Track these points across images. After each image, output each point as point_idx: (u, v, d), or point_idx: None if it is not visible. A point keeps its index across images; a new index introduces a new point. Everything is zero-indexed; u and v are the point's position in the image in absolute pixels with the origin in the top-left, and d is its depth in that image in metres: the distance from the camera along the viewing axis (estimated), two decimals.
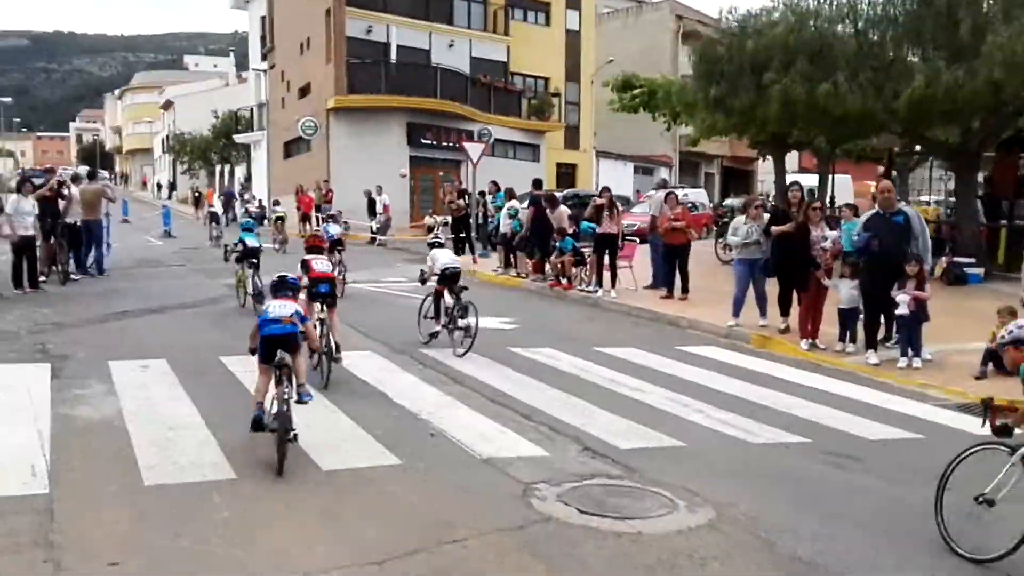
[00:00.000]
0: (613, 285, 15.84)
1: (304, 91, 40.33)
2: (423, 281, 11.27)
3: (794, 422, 8.10)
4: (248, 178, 50.96)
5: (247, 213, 40.48)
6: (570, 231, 17.10)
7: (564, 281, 16.68)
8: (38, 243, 15.79)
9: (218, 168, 60.94)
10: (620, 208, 16.41)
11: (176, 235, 33.00)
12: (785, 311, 12.58)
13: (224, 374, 9.18)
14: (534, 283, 17.82)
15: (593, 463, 6.73)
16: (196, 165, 64.62)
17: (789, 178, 39.13)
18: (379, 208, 30.48)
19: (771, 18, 19.22)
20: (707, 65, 19.01)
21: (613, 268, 15.86)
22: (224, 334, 11.43)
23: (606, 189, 16.28)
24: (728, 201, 39.22)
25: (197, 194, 47.25)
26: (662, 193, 16.66)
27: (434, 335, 10.79)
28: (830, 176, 26.90)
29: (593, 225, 16.50)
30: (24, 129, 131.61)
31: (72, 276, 17.16)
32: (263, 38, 47.79)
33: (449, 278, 10.71)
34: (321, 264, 9.71)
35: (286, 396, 6.39)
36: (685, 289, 15.31)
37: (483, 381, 9.16)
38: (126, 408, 7.66)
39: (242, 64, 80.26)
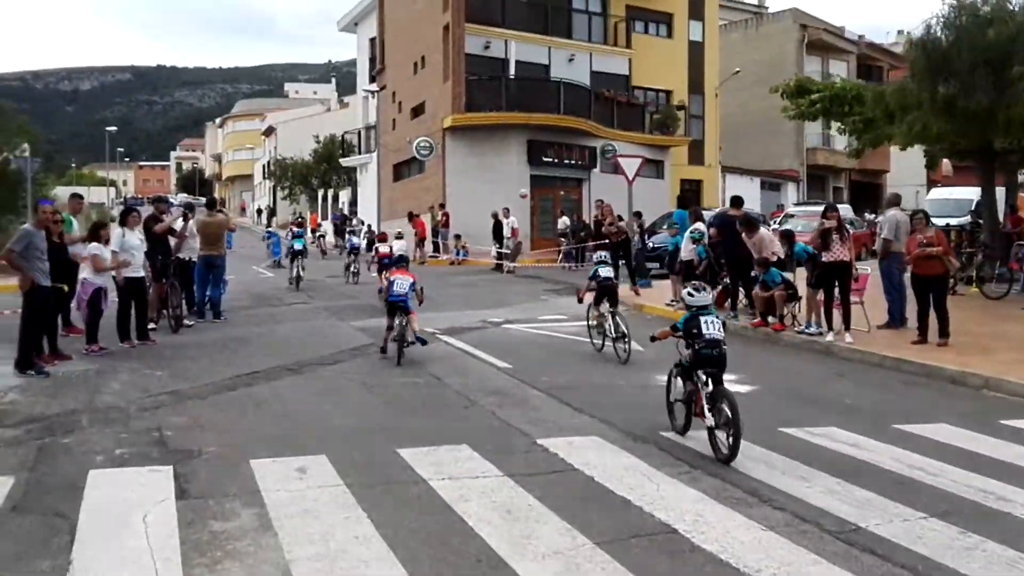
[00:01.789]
0: (847, 326, 12.65)
1: (417, 111, 38.14)
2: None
3: None
4: (353, 202, 49.03)
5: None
6: (774, 259, 13.99)
7: (773, 320, 13.61)
8: (148, 284, 13.52)
9: (320, 193, 59.32)
10: (850, 230, 13.19)
11: (285, 264, 30.81)
12: None
13: (416, 485, 6.36)
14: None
15: None
16: (297, 190, 63.30)
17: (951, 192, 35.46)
18: (507, 232, 27.87)
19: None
20: (932, 60, 15.66)
21: (846, 305, 12.65)
22: (388, 405, 8.77)
23: (832, 208, 13.08)
24: (871, 217, 35.66)
25: (300, 219, 45.45)
26: (897, 212, 13.45)
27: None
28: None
29: (808, 248, 13.47)
30: (127, 159, 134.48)
31: (185, 322, 14.78)
32: (372, 59, 45.97)
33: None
34: (384, 247, 19.26)
35: (403, 327, 11.32)
36: (944, 332, 12.00)
37: (796, 496, 6.10)
38: (295, 564, 4.90)
39: (343, 90, 79.49)
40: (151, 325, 13.64)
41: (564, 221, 31.11)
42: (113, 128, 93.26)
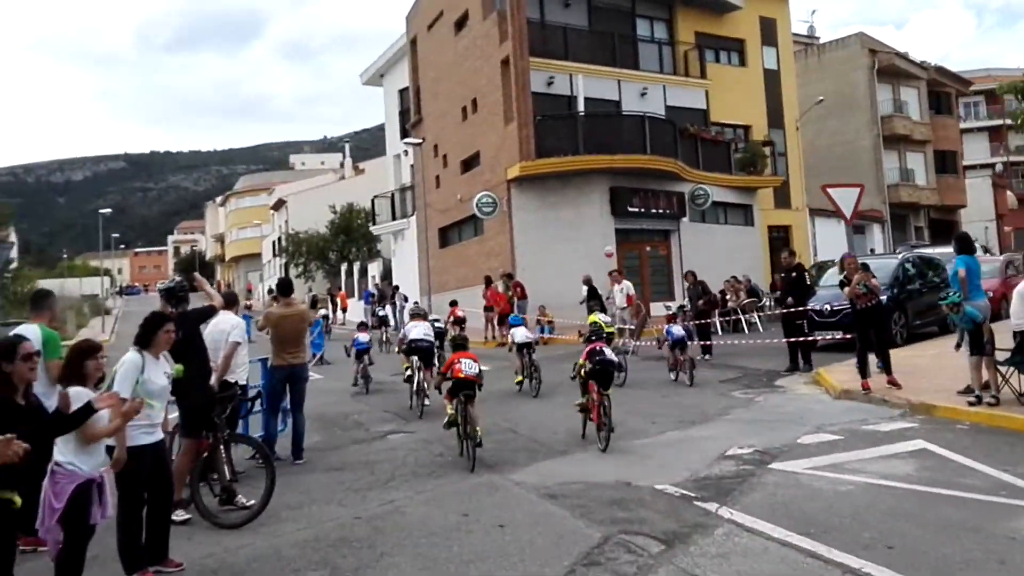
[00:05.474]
0: None
1: (469, 163, 32.69)
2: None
3: None
4: (386, 276, 43.29)
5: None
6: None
7: None
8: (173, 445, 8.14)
9: (343, 268, 53.66)
10: None
11: (330, 360, 24.11)
12: None
13: None
14: None
15: None
16: (313, 266, 57.65)
17: None
18: (620, 301, 21.73)
19: None
20: None
21: None
22: None
23: None
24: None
25: (329, 296, 39.69)
26: None
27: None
28: None
29: None
30: (122, 246, 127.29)
31: (240, 500, 8.21)
32: (404, 112, 40.64)
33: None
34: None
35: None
36: None
37: None
38: None
39: (354, 158, 74.58)
40: (181, 516, 7.72)
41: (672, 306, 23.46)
42: (107, 210, 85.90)
